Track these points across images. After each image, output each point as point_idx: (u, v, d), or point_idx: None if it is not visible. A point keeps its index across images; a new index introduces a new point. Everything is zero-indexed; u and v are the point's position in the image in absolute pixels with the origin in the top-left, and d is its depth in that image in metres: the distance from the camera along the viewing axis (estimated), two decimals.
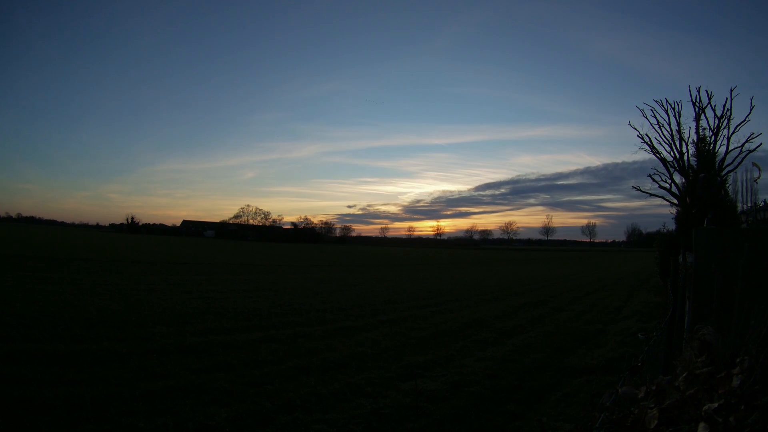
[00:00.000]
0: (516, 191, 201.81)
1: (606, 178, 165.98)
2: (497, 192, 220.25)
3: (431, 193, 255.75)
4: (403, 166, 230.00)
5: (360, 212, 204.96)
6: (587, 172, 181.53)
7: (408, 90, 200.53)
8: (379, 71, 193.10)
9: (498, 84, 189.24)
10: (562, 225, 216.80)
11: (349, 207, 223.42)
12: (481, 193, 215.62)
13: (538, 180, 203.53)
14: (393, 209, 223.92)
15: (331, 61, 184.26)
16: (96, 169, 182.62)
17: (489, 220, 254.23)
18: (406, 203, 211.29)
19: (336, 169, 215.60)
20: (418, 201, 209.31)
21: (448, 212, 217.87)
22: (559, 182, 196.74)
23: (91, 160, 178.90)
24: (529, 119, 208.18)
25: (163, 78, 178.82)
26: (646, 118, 18.98)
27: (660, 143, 18.80)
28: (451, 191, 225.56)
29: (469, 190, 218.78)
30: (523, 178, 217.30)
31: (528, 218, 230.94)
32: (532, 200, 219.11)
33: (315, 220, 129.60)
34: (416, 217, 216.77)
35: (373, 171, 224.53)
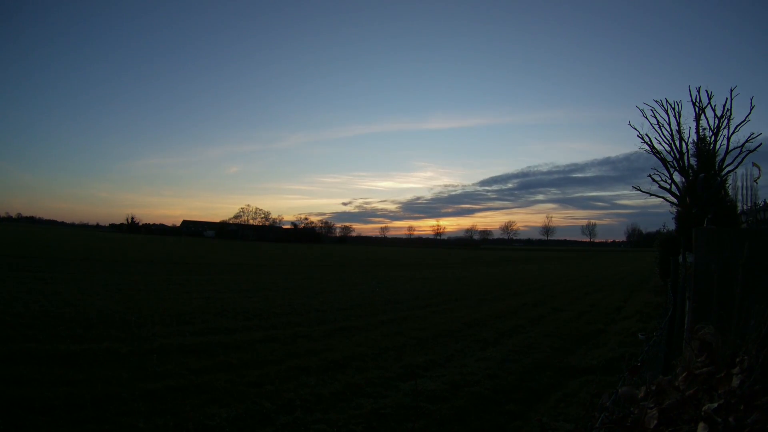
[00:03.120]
0: (525, 186, 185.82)
1: (626, 170, 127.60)
2: (504, 187, 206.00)
3: (431, 188, 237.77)
4: (400, 159, 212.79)
5: (356, 210, 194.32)
6: (607, 162, 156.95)
7: (398, 61, 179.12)
8: (362, 36, 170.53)
9: (504, 57, 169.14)
10: (572, 224, 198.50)
11: (345, 204, 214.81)
12: (487, 188, 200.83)
13: (549, 172, 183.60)
14: (391, 207, 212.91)
15: (300, 30, 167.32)
16: (77, 167, 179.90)
17: (495, 219, 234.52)
18: (404, 200, 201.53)
19: (326, 161, 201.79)
20: (418, 198, 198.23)
21: (449, 210, 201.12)
22: (574, 175, 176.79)
23: (71, 158, 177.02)
24: (542, 99, 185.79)
25: (129, 66, 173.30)
26: (646, 118, 19.00)
27: (660, 143, 18.83)
28: (453, 186, 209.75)
29: (473, 184, 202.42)
30: (534, 170, 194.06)
31: (535, 217, 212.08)
32: (540, 196, 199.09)
33: (311, 219, 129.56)
34: (415, 215, 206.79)
35: (368, 164, 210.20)
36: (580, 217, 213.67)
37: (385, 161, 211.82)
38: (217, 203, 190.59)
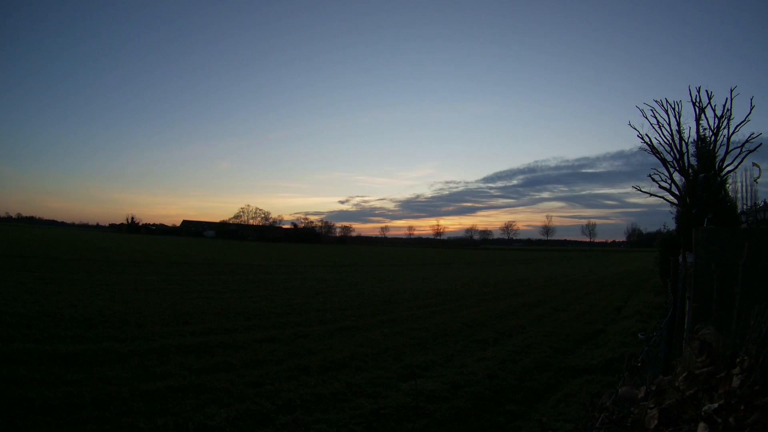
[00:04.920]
0: (530, 182, 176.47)
1: (640, 165, 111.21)
2: (509, 183, 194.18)
3: (431, 185, 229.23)
4: (399, 153, 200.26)
5: (353, 208, 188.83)
6: (620, 156, 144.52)
7: (395, 46, 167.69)
8: (356, 21, 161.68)
9: (510, 42, 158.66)
10: (578, 224, 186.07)
11: (341, 203, 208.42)
12: (491, 185, 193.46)
13: (558, 167, 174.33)
14: (389, 205, 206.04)
15: (290, 20, 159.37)
16: (77, 167, 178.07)
17: (498, 218, 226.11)
18: (403, 198, 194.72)
19: (320, 157, 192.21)
20: (417, 195, 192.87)
21: (450, 208, 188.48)
22: (584, 170, 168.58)
23: (71, 158, 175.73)
24: (552, 86, 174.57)
25: (127, 65, 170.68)
26: (646, 118, 19.02)
27: (660, 143, 18.83)
28: (455, 182, 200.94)
29: (476, 181, 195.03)
30: (541, 164, 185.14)
31: (540, 216, 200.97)
32: (546, 194, 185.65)
33: (311, 218, 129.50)
34: (415, 214, 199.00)
35: (364, 159, 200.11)
36: (587, 216, 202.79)
37: (383, 156, 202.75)
38: (215, 203, 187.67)
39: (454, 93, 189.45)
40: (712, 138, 17.47)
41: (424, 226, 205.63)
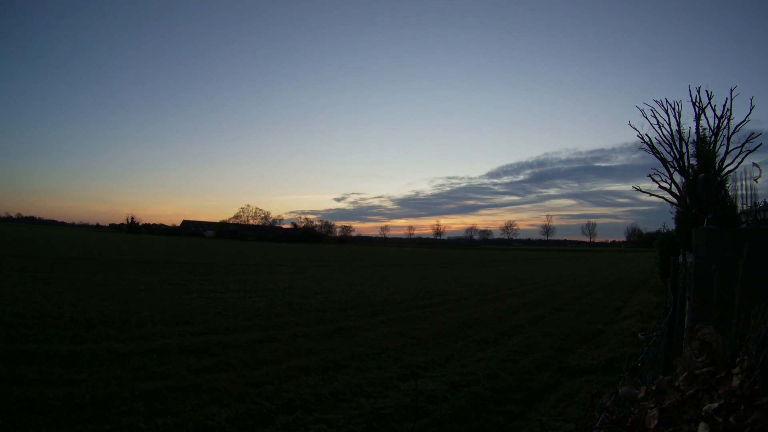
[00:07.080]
0: (538, 177, 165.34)
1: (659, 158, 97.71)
2: (515, 179, 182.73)
3: (432, 180, 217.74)
4: (396, 145, 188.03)
5: (350, 207, 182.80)
6: (636, 148, 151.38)
7: (393, 33, 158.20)
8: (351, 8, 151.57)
9: (517, 26, 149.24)
10: (584, 224, 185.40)
11: (338, 200, 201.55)
12: (495, 180, 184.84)
13: (569, 160, 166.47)
14: (388, 203, 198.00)
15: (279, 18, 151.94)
16: (77, 166, 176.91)
17: (503, 218, 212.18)
18: (402, 196, 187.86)
19: (313, 151, 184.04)
20: (417, 193, 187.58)
21: (452, 206, 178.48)
22: (597, 164, 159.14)
23: (71, 158, 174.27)
24: (566, 68, 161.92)
25: (127, 65, 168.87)
26: (646, 118, 18.99)
27: (660, 143, 18.82)
28: (458, 178, 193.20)
29: (480, 177, 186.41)
30: (551, 157, 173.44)
31: (545, 215, 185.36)
32: (554, 190, 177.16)
33: (310, 218, 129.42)
34: (415, 213, 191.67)
35: (361, 154, 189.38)
36: (596, 214, 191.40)
37: (380, 149, 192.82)
38: (214, 202, 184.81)
39: (459, 81, 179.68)
40: (712, 138, 17.46)
41: (425, 225, 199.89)
